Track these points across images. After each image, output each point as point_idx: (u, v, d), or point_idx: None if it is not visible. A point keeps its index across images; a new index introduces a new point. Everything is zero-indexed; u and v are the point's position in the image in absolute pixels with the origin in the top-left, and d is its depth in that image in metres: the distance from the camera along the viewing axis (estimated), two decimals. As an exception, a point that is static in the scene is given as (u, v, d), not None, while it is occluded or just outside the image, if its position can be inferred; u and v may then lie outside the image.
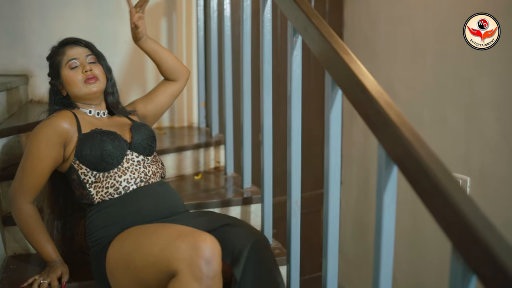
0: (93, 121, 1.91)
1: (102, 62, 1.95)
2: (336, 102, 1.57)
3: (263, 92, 2.11)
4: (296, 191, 1.92)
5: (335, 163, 1.60)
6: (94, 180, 1.81)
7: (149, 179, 1.86)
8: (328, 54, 1.55)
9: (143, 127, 1.96)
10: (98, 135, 1.82)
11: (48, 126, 1.81)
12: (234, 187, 2.49)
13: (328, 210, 1.64)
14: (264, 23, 2.08)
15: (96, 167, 1.80)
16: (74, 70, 1.88)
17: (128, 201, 1.80)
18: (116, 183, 1.81)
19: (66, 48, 1.92)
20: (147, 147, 1.91)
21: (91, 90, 1.88)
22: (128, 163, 1.84)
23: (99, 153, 1.79)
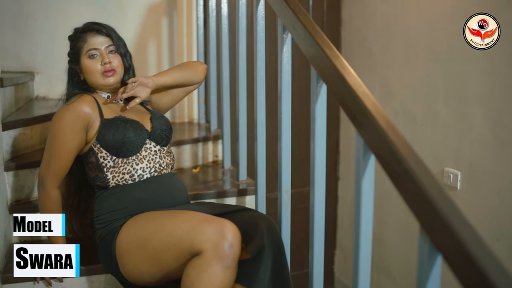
0: (113, 106, 1.98)
1: (121, 50, 1.98)
2: (321, 96, 1.66)
3: (257, 87, 2.19)
4: (286, 181, 2.00)
5: (320, 156, 1.69)
6: (112, 164, 1.89)
7: (162, 170, 1.96)
8: (313, 50, 1.64)
9: (162, 118, 2.05)
10: (122, 122, 1.89)
11: (71, 111, 1.86)
12: (231, 180, 2.59)
13: (314, 204, 1.72)
14: (258, 21, 2.17)
15: (117, 152, 1.87)
16: (93, 61, 1.93)
17: (141, 188, 1.89)
18: (132, 170, 1.89)
19: (88, 35, 1.95)
20: (164, 138, 2.00)
21: (108, 82, 1.94)
22: (146, 152, 1.93)
23: (121, 139, 1.86)
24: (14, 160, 2.22)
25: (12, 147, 2.24)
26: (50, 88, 3.11)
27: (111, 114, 1.94)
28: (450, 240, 1.02)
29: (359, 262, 1.42)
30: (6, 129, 2.19)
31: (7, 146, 2.21)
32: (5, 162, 2.17)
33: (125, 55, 1.99)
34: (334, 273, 4.14)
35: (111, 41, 1.97)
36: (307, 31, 1.68)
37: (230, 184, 2.53)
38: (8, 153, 2.21)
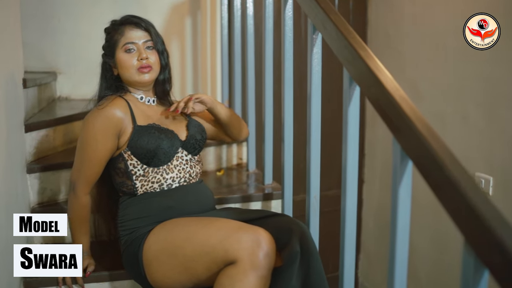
0: (146, 110, 1.90)
1: (159, 47, 1.90)
2: (354, 99, 1.59)
3: (285, 89, 2.14)
4: (315, 186, 1.94)
5: (353, 160, 1.62)
6: (142, 173, 1.82)
7: (191, 179, 1.90)
8: (345, 51, 1.58)
9: (199, 127, 1.98)
10: (156, 132, 1.82)
11: (103, 116, 1.78)
12: (255, 183, 2.53)
13: (345, 208, 1.66)
14: (285, 21, 2.11)
15: (148, 161, 1.81)
16: (130, 55, 1.85)
17: (169, 196, 1.84)
18: (162, 179, 1.83)
19: (126, 28, 1.87)
20: (197, 148, 1.94)
21: (143, 79, 1.86)
22: (178, 161, 1.86)
23: (154, 149, 1.79)
24: (36, 162, 2.19)
25: (35, 149, 2.21)
26: (72, 89, 3.09)
27: (144, 119, 1.86)
28: (499, 255, 0.95)
29: (395, 273, 1.35)
30: (28, 130, 2.15)
31: (30, 147, 2.18)
32: (27, 164, 2.13)
33: (162, 53, 1.91)
34: (357, 277, 4.06)
35: (149, 36, 1.89)
36: (340, 31, 1.61)
37: (255, 188, 2.47)
38: (30, 155, 2.18)
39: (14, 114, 1.99)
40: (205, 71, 3.30)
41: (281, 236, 1.69)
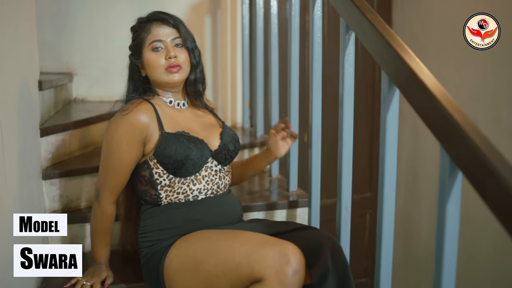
0: (175, 116, 1.77)
1: (189, 44, 1.76)
2: (393, 103, 1.48)
3: (313, 92, 2.02)
4: (346, 196, 1.84)
5: (391, 166, 1.51)
6: (168, 183, 1.71)
7: (219, 191, 1.78)
8: (384, 52, 1.47)
9: (233, 137, 1.85)
10: (184, 141, 1.69)
11: (127, 123, 1.67)
12: (279, 190, 2.42)
13: (382, 215, 1.55)
14: (314, 20, 2.00)
15: (175, 172, 1.69)
16: (157, 54, 1.72)
17: (194, 208, 1.73)
18: (188, 190, 1.72)
19: (152, 25, 1.74)
20: (228, 158, 1.81)
21: (172, 79, 1.73)
22: (206, 171, 1.74)
23: (182, 159, 1.67)
24: (52, 167, 2.09)
25: (50, 154, 2.11)
26: (89, 90, 3.00)
27: (172, 125, 1.73)
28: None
29: None
30: (44, 135, 2.06)
31: (45, 152, 2.08)
32: (43, 170, 2.04)
33: (193, 51, 1.78)
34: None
35: (178, 33, 1.75)
36: (377, 30, 1.51)
37: (279, 195, 2.36)
38: (46, 161, 2.08)
39: (29, 118, 1.90)
40: (225, 72, 3.19)
41: (311, 251, 1.56)
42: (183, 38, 1.75)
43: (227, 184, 1.82)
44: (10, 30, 1.69)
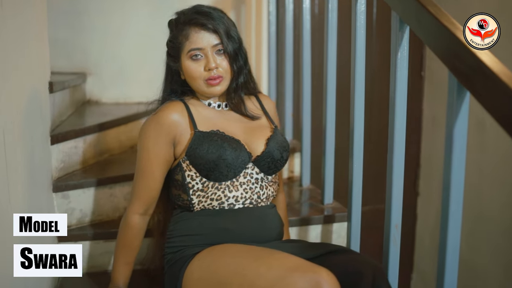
0: (212, 116, 1.61)
1: (231, 49, 1.57)
2: (462, 111, 1.26)
3: (355, 94, 1.81)
4: (397, 213, 1.62)
5: (458, 188, 1.29)
6: (200, 187, 1.55)
7: (259, 202, 1.59)
8: (454, 49, 1.25)
9: (281, 144, 1.63)
10: (218, 139, 1.54)
11: (155, 123, 1.56)
12: (311, 202, 2.20)
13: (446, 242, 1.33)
14: (357, 16, 1.78)
15: (208, 174, 1.54)
16: (197, 63, 1.55)
17: (228, 217, 1.55)
18: (223, 197, 1.55)
19: (191, 30, 1.55)
20: (273, 168, 1.61)
21: (214, 92, 1.58)
22: (245, 178, 1.56)
23: (215, 159, 1.51)
24: (64, 178, 1.90)
25: (62, 163, 1.91)
26: (103, 91, 2.82)
27: (207, 125, 1.58)
28: None
29: None
30: (55, 142, 1.86)
31: (56, 162, 1.88)
32: (53, 181, 1.85)
33: (235, 55, 1.58)
34: (409, 298, 3.72)
35: (218, 39, 1.56)
36: (443, 26, 1.28)
37: (312, 208, 2.14)
38: (57, 170, 1.89)
39: (38, 123, 1.70)
40: (249, 72, 2.97)
41: (349, 280, 1.36)
42: (224, 44, 1.55)
43: (270, 196, 1.62)
44: (17, 27, 1.49)
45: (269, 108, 1.75)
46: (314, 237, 2.04)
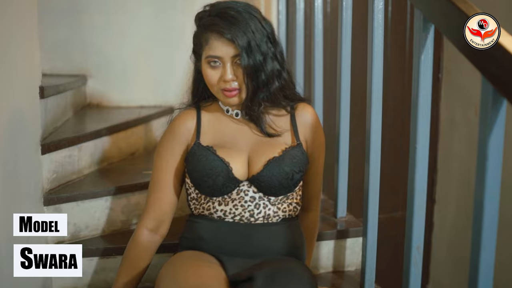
0: (225, 125, 1.52)
1: (251, 62, 1.39)
2: (498, 121, 1.10)
3: (372, 100, 1.66)
4: (418, 233, 1.47)
5: (493, 202, 1.14)
6: (195, 196, 1.51)
7: (255, 220, 1.46)
8: (489, 53, 1.10)
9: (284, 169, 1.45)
10: (206, 159, 1.45)
11: (169, 132, 1.54)
12: (322, 215, 2.03)
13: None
14: (374, 14, 1.63)
15: (197, 188, 1.49)
16: (214, 70, 1.43)
17: (208, 227, 1.48)
18: (212, 209, 1.48)
19: (211, 35, 1.41)
20: (272, 191, 1.46)
21: (230, 102, 1.46)
22: (238, 195, 1.46)
23: (198, 179, 1.46)
24: (56, 191, 1.77)
25: (54, 174, 1.78)
26: (104, 94, 2.70)
27: (213, 136, 1.50)
28: None
29: None
30: (47, 151, 1.72)
31: (48, 173, 1.75)
32: (44, 195, 1.71)
33: (253, 72, 1.41)
34: (423, 310, 3.57)
35: (237, 50, 1.40)
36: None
37: (323, 221, 1.98)
38: (48, 182, 1.75)
39: (25, 133, 1.57)
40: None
41: None
42: (242, 58, 1.39)
43: (270, 216, 1.48)
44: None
45: (303, 120, 1.55)
46: (325, 253, 1.89)
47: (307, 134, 1.54)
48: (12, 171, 1.43)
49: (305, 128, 1.54)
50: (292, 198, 1.51)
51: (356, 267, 1.91)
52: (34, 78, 1.69)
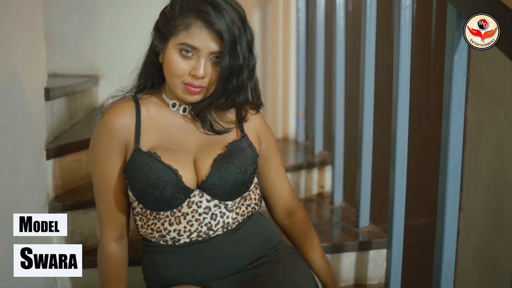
0: (168, 122, 1.35)
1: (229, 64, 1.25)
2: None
3: (398, 102, 1.56)
4: (449, 250, 1.36)
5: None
6: (140, 211, 1.34)
7: (214, 233, 1.31)
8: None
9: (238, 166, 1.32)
10: (149, 168, 1.27)
11: (104, 129, 1.31)
12: (343, 224, 1.93)
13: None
14: (401, 11, 1.52)
15: (140, 202, 1.31)
16: (183, 60, 1.25)
17: (173, 255, 1.32)
18: (163, 230, 1.31)
19: (195, 22, 1.23)
20: (228, 194, 1.32)
21: (188, 99, 1.29)
22: (190, 208, 1.29)
23: (141, 191, 1.28)
24: (62, 198, 1.68)
25: (60, 180, 1.69)
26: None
27: (155, 137, 1.32)
28: None
29: None
30: (52, 156, 1.63)
31: (54, 179, 1.66)
32: (49, 202, 1.63)
33: (228, 75, 1.27)
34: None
35: (221, 47, 1.25)
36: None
37: (344, 231, 1.88)
38: (54, 189, 1.66)
39: (29, 137, 1.48)
40: (276, 76, 2.79)
41: None
42: (223, 56, 1.25)
43: (229, 223, 1.33)
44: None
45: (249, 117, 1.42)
46: (347, 266, 1.79)
47: (252, 126, 1.42)
48: (13, 178, 1.34)
49: (249, 119, 1.41)
50: (250, 198, 1.37)
51: (379, 280, 1.80)
52: (39, 79, 1.60)
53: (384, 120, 1.79)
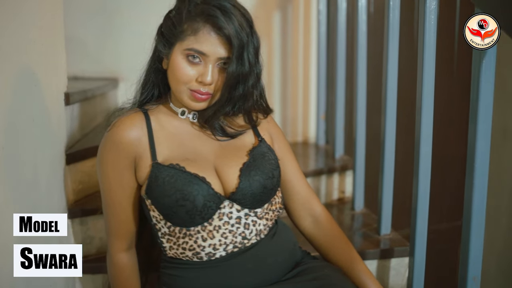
0: (180, 131, 1.31)
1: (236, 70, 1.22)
2: None
3: (422, 106, 1.54)
4: (475, 263, 1.32)
5: None
6: (167, 232, 1.27)
7: (248, 242, 1.27)
8: None
9: (264, 170, 1.29)
10: (176, 180, 1.22)
11: (110, 143, 1.28)
12: (364, 231, 1.90)
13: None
14: (426, 15, 1.50)
15: (170, 220, 1.25)
16: (190, 66, 1.22)
17: (212, 270, 1.26)
18: (196, 247, 1.25)
19: (203, 26, 1.21)
20: (258, 201, 1.28)
21: (194, 106, 1.26)
22: (221, 220, 1.24)
23: (171, 206, 1.22)
24: (81, 203, 1.67)
25: (80, 185, 1.69)
26: (137, 98, 2.58)
27: (170, 148, 1.28)
28: None
29: None
30: (72, 161, 1.63)
31: (73, 183, 1.66)
32: (69, 206, 1.62)
33: (239, 80, 1.24)
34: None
35: (229, 53, 1.23)
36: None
37: (365, 238, 1.84)
38: (74, 194, 1.66)
39: (49, 142, 1.48)
40: (296, 78, 2.76)
41: None
42: (231, 63, 1.22)
43: (261, 231, 1.29)
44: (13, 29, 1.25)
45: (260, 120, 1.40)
46: (368, 274, 1.75)
47: (264, 128, 1.39)
48: (34, 183, 1.34)
49: (261, 123, 1.39)
50: (275, 203, 1.33)
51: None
52: (59, 83, 1.60)
53: (406, 125, 1.76)
